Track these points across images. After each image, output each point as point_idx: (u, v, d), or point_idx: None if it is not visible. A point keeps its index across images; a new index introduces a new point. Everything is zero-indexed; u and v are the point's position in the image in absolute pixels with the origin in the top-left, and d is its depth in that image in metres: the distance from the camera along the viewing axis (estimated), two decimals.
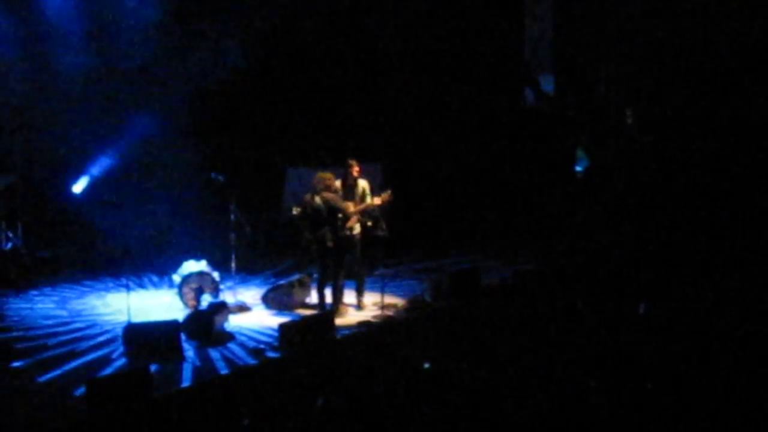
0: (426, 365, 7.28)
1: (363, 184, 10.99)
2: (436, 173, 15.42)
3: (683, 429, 6.04)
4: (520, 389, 6.55)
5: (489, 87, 15.72)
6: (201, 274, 10.91)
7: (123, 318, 9.99)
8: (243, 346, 9.56)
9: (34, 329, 10.20)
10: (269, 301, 11.17)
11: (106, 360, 9.05)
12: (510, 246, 14.23)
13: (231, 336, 9.87)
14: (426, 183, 15.28)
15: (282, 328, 9.39)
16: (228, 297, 11.04)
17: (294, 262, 13.12)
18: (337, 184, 10.74)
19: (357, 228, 10.85)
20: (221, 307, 10.18)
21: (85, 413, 7.23)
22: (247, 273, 12.65)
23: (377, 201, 10.82)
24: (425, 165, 15.41)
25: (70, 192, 14.25)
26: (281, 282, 11.44)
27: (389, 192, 10.87)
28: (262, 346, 9.45)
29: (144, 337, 9.07)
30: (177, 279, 11.00)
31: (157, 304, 11.19)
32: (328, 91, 15.23)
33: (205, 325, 9.70)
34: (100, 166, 14.38)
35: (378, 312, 10.77)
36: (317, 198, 10.51)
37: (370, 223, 10.87)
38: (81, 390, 7.76)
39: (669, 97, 14.59)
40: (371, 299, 11.13)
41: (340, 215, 10.57)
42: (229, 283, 11.35)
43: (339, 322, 10.14)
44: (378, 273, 11.40)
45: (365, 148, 13.76)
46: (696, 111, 14.31)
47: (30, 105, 13.99)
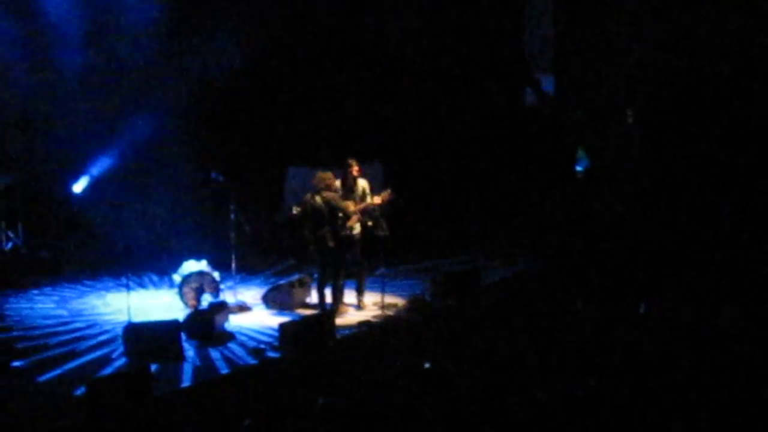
0: (426, 365, 7.28)
1: (363, 183, 10.99)
2: (436, 173, 15.41)
3: (683, 429, 6.04)
4: (520, 389, 6.55)
5: (489, 87, 15.70)
6: (201, 273, 10.92)
7: (123, 318, 10.00)
8: (243, 345, 9.56)
9: (34, 329, 10.19)
10: (269, 301, 11.17)
11: (106, 360, 9.04)
12: (510, 246, 14.22)
13: (231, 336, 9.87)
14: (426, 183, 15.27)
15: (282, 328, 9.39)
16: (228, 297, 11.04)
17: (294, 261, 13.12)
18: (337, 183, 10.74)
19: (357, 228, 10.85)
20: (221, 307, 10.18)
21: (85, 413, 7.24)
22: (248, 273, 12.64)
23: (377, 200, 10.81)
24: (425, 165, 15.40)
25: (70, 192, 14.24)
26: (281, 282, 11.43)
27: (389, 191, 10.86)
28: (262, 346, 9.44)
29: (144, 337, 9.05)
30: (177, 279, 11.01)
31: (158, 303, 11.19)
32: (328, 91, 15.21)
33: (206, 325, 9.70)
34: (100, 166, 14.38)
35: (378, 312, 10.77)
36: (318, 197, 10.51)
37: (370, 223, 10.86)
38: (81, 390, 7.75)
39: (669, 97, 14.58)
40: (371, 299, 11.13)
41: (340, 215, 10.56)
42: (230, 283, 11.35)
43: (339, 322, 10.14)
44: (378, 273, 11.39)
45: (365, 148, 13.74)
46: (696, 111, 14.30)
47: (30, 105, 13.99)
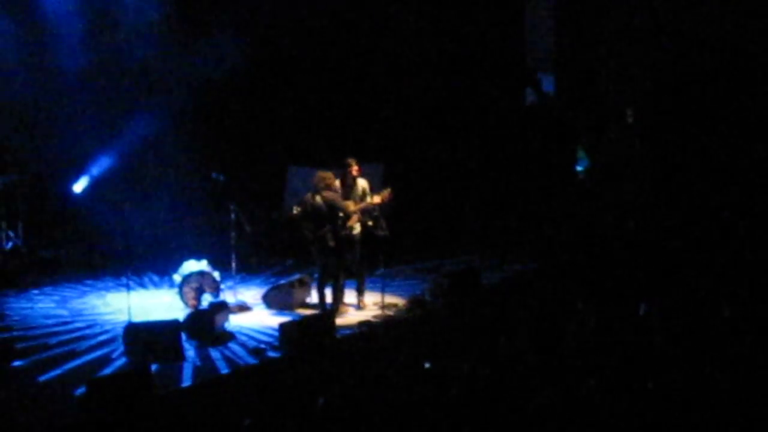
0: (426, 365, 7.28)
1: (362, 183, 10.99)
2: (436, 173, 15.40)
3: (683, 429, 6.04)
4: (520, 389, 6.55)
5: (489, 87, 15.70)
6: (201, 273, 10.91)
7: (123, 317, 10.00)
8: (243, 345, 9.56)
9: (34, 329, 10.20)
10: (270, 301, 11.17)
11: (106, 360, 9.05)
12: (510, 246, 14.22)
13: (231, 336, 9.88)
14: (426, 183, 15.27)
15: (282, 327, 9.40)
16: (228, 297, 11.04)
17: (294, 261, 13.11)
18: (337, 183, 10.74)
19: (357, 227, 10.85)
20: (222, 307, 10.18)
21: (86, 413, 7.24)
22: (248, 273, 12.64)
23: (377, 199, 10.80)
24: (425, 165, 15.39)
25: (70, 192, 14.24)
26: (281, 282, 11.43)
27: (389, 190, 10.86)
28: (262, 345, 9.45)
29: (144, 337, 9.05)
30: (177, 278, 11.00)
31: (158, 303, 11.19)
32: (328, 91, 15.21)
33: (206, 325, 9.70)
34: (100, 166, 14.38)
35: (378, 312, 10.77)
36: (318, 197, 10.50)
37: (370, 223, 10.87)
38: (81, 390, 7.75)
39: (669, 97, 14.59)
40: (371, 299, 11.13)
41: (340, 214, 10.57)
42: (230, 283, 11.35)
43: (339, 322, 10.14)
44: (378, 273, 11.39)
45: (365, 148, 13.74)
46: (696, 111, 14.31)
47: (30, 105, 13.98)
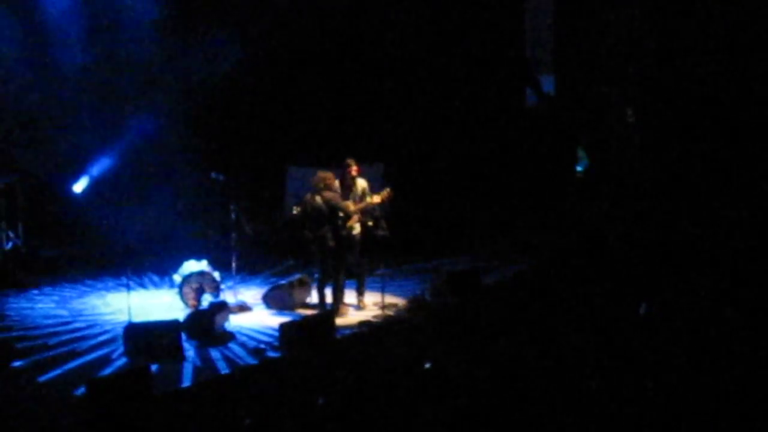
0: (426, 365, 7.28)
1: (362, 183, 10.98)
2: (436, 173, 15.40)
3: (683, 429, 6.04)
4: (520, 389, 6.55)
5: (489, 87, 15.71)
6: (202, 273, 10.92)
7: (123, 318, 10.00)
8: (243, 345, 9.56)
9: (34, 329, 10.20)
10: (270, 301, 11.17)
11: (106, 360, 9.05)
12: (510, 246, 14.21)
13: (231, 336, 9.88)
14: (426, 183, 15.27)
15: (282, 328, 9.40)
16: (228, 297, 11.04)
17: (294, 261, 13.11)
18: (337, 183, 10.74)
19: (357, 227, 10.85)
20: (222, 307, 10.18)
21: (85, 413, 7.24)
22: (248, 273, 12.63)
23: (377, 199, 10.81)
24: (425, 165, 15.40)
25: (70, 192, 14.24)
26: (282, 282, 11.43)
27: (389, 190, 10.86)
28: (262, 346, 9.45)
29: (144, 337, 9.06)
30: (178, 279, 11.01)
31: (158, 303, 11.19)
32: (328, 91, 15.22)
33: (206, 325, 9.70)
34: (100, 166, 14.38)
35: (378, 312, 10.77)
36: (318, 197, 10.51)
37: (370, 223, 10.87)
38: (81, 390, 7.76)
39: (669, 97, 14.58)
40: (371, 299, 11.13)
41: (340, 214, 10.57)
42: (230, 283, 11.35)
43: (339, 322, 10.14)
44: (378, 273, 11.39)
45: (365, 148, 13.74)
46: (696, 110, 14.30)
47: (30, 105, 14.00)
